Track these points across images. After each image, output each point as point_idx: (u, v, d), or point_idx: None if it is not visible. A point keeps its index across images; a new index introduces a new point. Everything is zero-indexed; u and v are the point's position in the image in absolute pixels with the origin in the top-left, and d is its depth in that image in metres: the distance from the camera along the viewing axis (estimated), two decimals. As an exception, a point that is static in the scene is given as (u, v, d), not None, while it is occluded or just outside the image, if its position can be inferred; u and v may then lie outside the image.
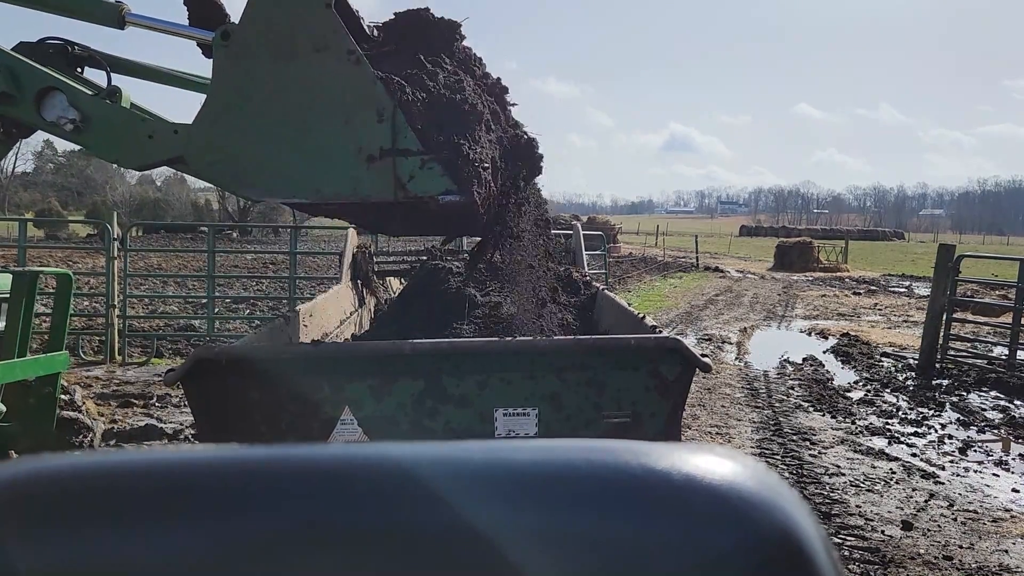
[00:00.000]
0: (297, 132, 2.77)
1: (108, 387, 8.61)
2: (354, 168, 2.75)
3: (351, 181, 2.76)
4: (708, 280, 25.63)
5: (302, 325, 4.14)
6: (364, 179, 2.75)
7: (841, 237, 53.32)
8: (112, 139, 3.00)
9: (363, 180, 2.75)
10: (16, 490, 0.48)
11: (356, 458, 0.50)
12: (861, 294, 21.86)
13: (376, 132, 2.73)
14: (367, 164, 2.74)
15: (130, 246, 12.37)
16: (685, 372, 2.84)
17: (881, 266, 35.42)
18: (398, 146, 2.73)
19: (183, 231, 47.11)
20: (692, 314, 16.24)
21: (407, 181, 2.74)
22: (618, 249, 35.56)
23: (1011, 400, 8.83)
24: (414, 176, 2.74)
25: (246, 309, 14.47)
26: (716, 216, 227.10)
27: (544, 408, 2.80)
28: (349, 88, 2.73)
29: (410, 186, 2.74)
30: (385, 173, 2.74)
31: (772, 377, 9.90)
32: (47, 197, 66.99)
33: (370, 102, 2.73)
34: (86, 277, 16.37)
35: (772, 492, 0.48)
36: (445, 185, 2.76)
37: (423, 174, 2.74)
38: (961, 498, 5.65)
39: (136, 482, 0.48)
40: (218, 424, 2.75)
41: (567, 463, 0.48)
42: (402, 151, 2.74)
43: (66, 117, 2.95)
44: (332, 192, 2.79)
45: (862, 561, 4.50)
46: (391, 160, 2.74)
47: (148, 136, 2.93)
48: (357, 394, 2.76)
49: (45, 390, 4.91)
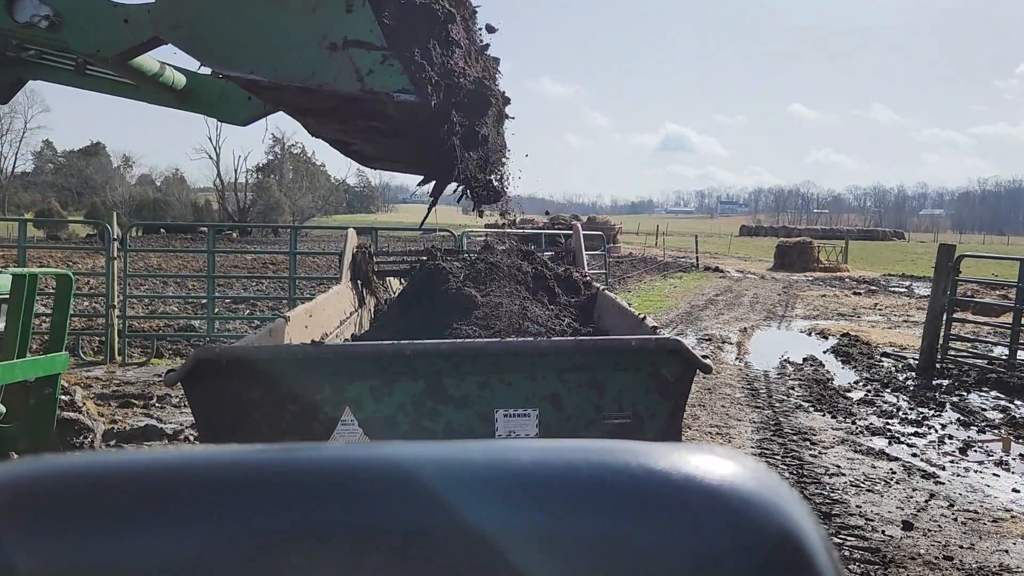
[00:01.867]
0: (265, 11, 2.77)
1: (108, 387, 8.61)
2: (315, 53, 2.74)
3: (310, 65, 2.75)
4: (708, 280, 25.63)
5: (302, 325, 4.14)
6: (323, 66, 2.74)
7: (841, 237, 53.35)
8: (89, 29, 2.98)
9: (322, 67, 2.74)
10: (16, 490, 0.48)
11: (356, 458, 0.50)
12: (861, 294, 21.86)
13: (342, 21, 2.72)
14: (328, 52, 2.73)
15: (130, 246, 12.38)
16: (686, 373, 2.84)
17: (881, 266, 35.42)
18: (362, 38, 2.73)
19: (183, 231, 47.14)
20: (692, 314, 16.24)
21: (366, 74, 2.73)
22: (618, 249, 35.57)
23: (1011, 400, 8.83)
24: (373, 70, 2.73)
25: (246, 309, 14.47)
26: (716, 216, 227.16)
27: (545, 409, 2.80)
28: None
29: (368, 79, 2.73)
30: (345, 63, 2.73)
31: (772, 377, 9.90)
32: (47, 197, 67.05)
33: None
34: (86, 277, 16.38)
35: (772, 492, 0.48)
36: (402, 83, 2.76)
37: (382, 69, 2.74)
38: (961, 498, 5.65)
39: (136, 482, 0.48)
40: (219, 425, 2.75)
41: (567, 463, 0.48)
42: (365, 44, 2.73)
43: (39, 14, 2.94)
44: (289, 73, 2.78)
45: (862, 561, 4.50)
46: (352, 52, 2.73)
47: (124, 20, 2.91)
48: (357, 395, 2.75)
49: (45, 391, 4.91)
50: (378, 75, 2.74)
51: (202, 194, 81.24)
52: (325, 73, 2.75)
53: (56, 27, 2.96)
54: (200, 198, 77.25)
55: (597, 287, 5.31)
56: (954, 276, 10.53)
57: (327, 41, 2.72)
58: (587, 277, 5.56)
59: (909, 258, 42.20)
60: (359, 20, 2.73)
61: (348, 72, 2.74)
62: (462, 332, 3.94)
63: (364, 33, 2.73)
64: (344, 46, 2.72)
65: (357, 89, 2.76)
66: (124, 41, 2.95)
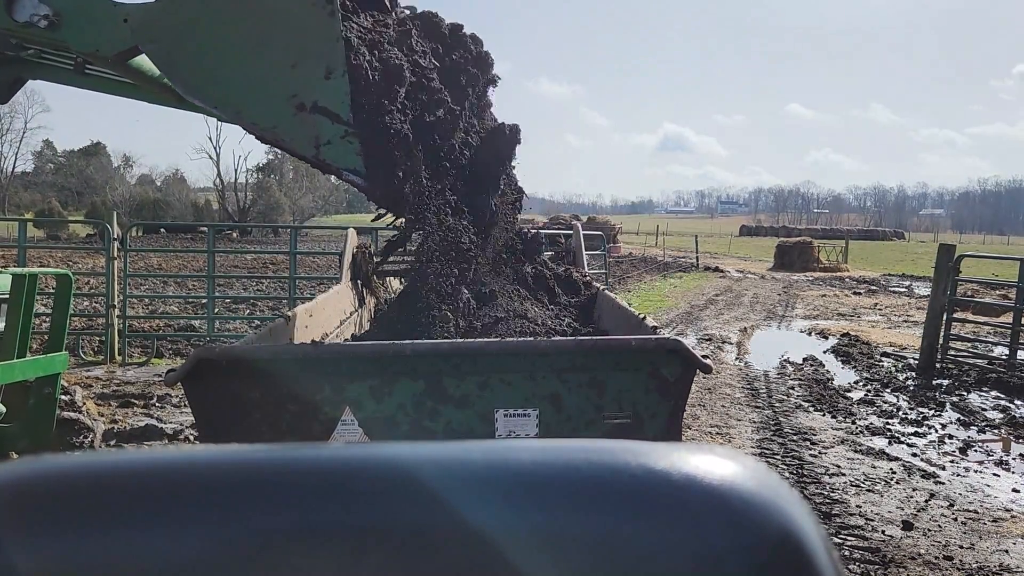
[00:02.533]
0: (245, 53, 2.76)
1: (108, 387, 8.61)
2: (281, 108, 2.73)
3: (273, 118, 2.75)
4: (708, 280, 25.63)
5: (302, 325, 4.14)
6: (286, 123, 2.74)
7: (841, 237, 53.34)
8: (88, 28, 2.97)
9: (284, 123, 2.74)
10: (16, 490, 0.48)
11: (356, 458, 0.50)
12: (861, 294, 21.86)
13: (317, 85, 2.72)
14: (294, 111, 2.72)
15: (130, 246, 12.38)
16: (686, 373, 2.84)
17: (881, 266, 35.42)
18: (331, 108, 2.72)
19: (183, 231, 47.13)
20: (692, 314, 16.24)
21: (322, 144, 2.73)
22: (618, 249, 35.57)
23: (1011, 400, 8.83)
24: (331, 143, 2.73)
25: (246, 309, 14.47)
26: (716, 216, 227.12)
27: (545, 409, 2.80)
28: (312, 35, 2.71)
29: (323, 150, 2.74)
30: (307, 128, 2.73)
31: (772, 377, 9.89)
32: (47, 197, 67.08)
33: (324, 57, 2.71)
34: (86, 277, 16.38)
35: (772, 492, 0.48)
36: (355, 164, 2.76)
37: (340, 144, 2.74)
38: (961, 498, 5.65)
39: (136, 482, 0.48)
40: (219, 425, 2.75)
41: (567, 463, 0.48)
42: (331, 114, 2.73)
43: (39, 14, 2.94)
44: (250, 120, 2.78)
45: (862, 561, 4.50)
46: (317, 118, 2.73)
47: (123, 20, 2.91)
48: (358, 395, 2.75)
49: (45, 390, 4.91)
50: (334, 148, 2.74)
51: (202, 194, 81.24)
52: (285, 130, 2.75)
53: (55, 26, 2.95)
54: (200, 198, 77.27)
55: (597, 287, 5.30)
56: (954, 276, 10.53)
57: (297, 100, 2.72)
58: (587, 277, 5.55)
59: (909, 258, 42.19)
60: (333, 89, 2.72)
61: (308, 136, 2.74)
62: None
63: (335, 103, 2.72)
64: (312, 110, 2.72)
65: (311, 156, 2.77)
66: (123, 41, 2.94)
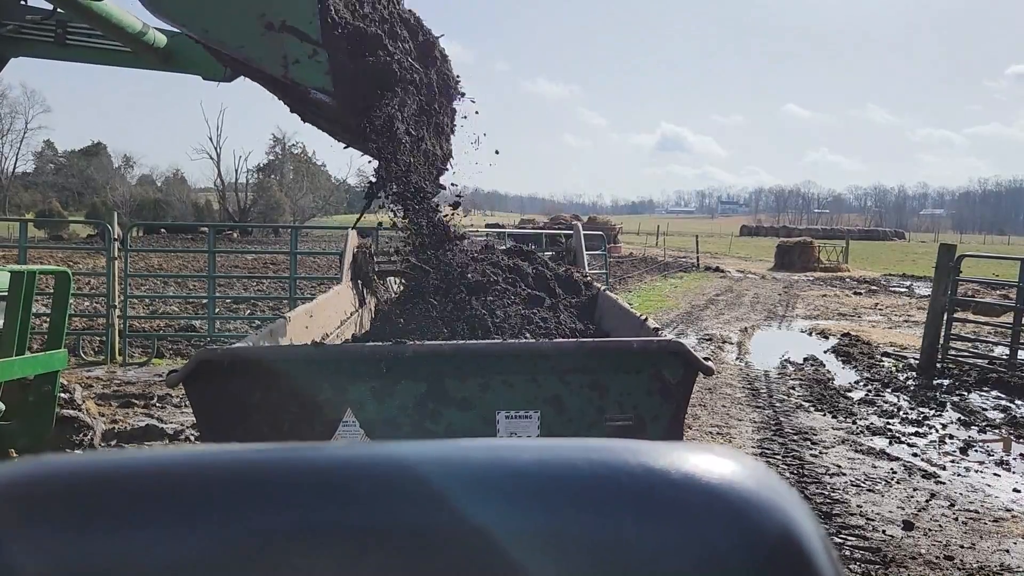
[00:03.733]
0: None
1: (109, 387, 8.61)
2: (249, 26, 2.69)
3: (241, 37, 2.71)
4: (709, 280, 25.62)
5: (303, 326, 4.14)
6: (254, 41, 2.70)
7: (842, 237, 53.32)
8: None
9: (253, 42, 2.70)
10: (16, 490, 0.48)
11: (356, 458, 0.50)
12: (862, 294, 21.85)
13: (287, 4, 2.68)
14: (263, 29, 2.69)
15: (131, 246, 12.38)
16: (688, 375, 2.83)
17: (882, 266, 35.41)
18: (300, 27, 2.69)
19: (184, 231, 47.13)
20: (693, 314, 16.23)
21: (292, 63, 2.70)
22: (619, 249, 35.57)
23: (1012, 400, 8.83)
24: (300, 61, 2.70)
25: (247, 309, 14.46)
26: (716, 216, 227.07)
27: (546, 411, 2.80)
28: None
29: (292, 68, 2.70)
30: (275, 45, 2.69)
31: (773, 377, 9.89)
32: (48, 198, 67.08)
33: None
34: (87, 277, 16.38)
35: (772, 492, 0.48)
36: (323, 83, 2.72)
37: (308, 64, 2.71)
38: (962, 498, 5.65)
39: (137, 482, 0.48)
40: (220, 426, 2.74)
41: (567, 463, 0.48)
42: (300, 32, 2.69)
43: None
44: (219, 37, 2.74)
45: (863, 561, 4.50)
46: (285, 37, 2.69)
47: None
48: (359, 396, 2.75)
49: (44, 388, 4.91)
50: (303, 67, 2.71)
51: (203, 194, 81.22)
52: (254, 48, 2.71)
53: None
54: (201, 198, 77.26)
55: (598, 287, 5.30)
56: (955, 276, 10.52)
57: (265, 19, 2.67)
58: (588, 277, 5.54)
59: (910, 258, 42.18)
60: (303, 7, 2.68)
61: (276, 55, 2.70)
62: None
63: (303, 23, 2.68)
64: (280, 29, 2.68)
65: (280, 74, 2.73)
66: None
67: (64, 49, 4.22)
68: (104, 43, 4.32)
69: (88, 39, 4.34)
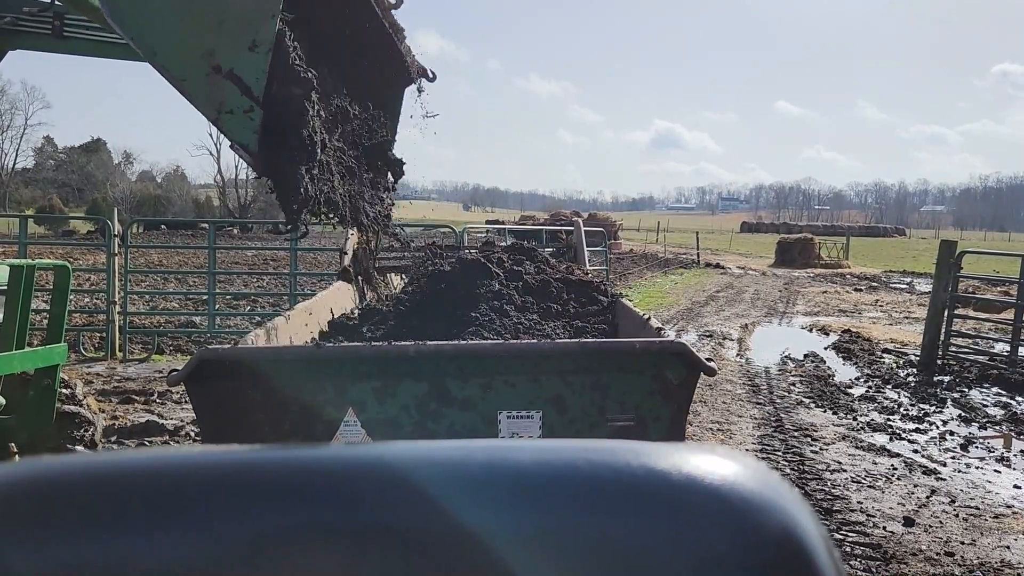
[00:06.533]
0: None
1: (109, 383, 8.62)
2: (195, 64, 2.66)
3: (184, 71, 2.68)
4: (709, 277, 25.62)
5: (302, 323, 4.14)
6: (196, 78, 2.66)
7: (842, 233, 53.34)
8: None
9: (193, 79, 2.67)
10: (16, 490, 0.48)
11: (356, 458, 0.50)
12: (862, 290, 21.85)
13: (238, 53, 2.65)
14: (208, 71, 2.65)
15: (131, 243, 12.36)
16: (690, 376, 2.83)
17: (882, 262, 35.40)
18: (243, 80, 2.66)
19: (184, 227, 47.11)
20: (693, 310, 16.23)
21: (224, 112, 2.67)
22: (619, 246, 35.58)
23: (1012, 396, 8.83)
24: (233, 113, 2.67)
25: (247, 305, 14.47)
26: (717, 213, 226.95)
27: (548, 411, 2.80)
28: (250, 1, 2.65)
29: (223, 118, 2.67)
30: (215, 91, 2.66)
31: (773, 373, 9.90)
32: (48, 194, 67.06)
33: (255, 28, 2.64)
34: (87, 274, 16.38)
35: (773, 492, 0.47)
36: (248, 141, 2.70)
37: (241, 118, 2.68)
38: (963, 494, 5.65)
39: (137, 482, 0.48)
40: (221, 425, 2.74)
41: (567, 463, 0.48)
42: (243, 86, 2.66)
43: None
44: (164, 62, 2.69)
45: (864, 557, 4.51)
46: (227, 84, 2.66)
47: None
48: (361, 396, 2.75)
49: (44, 382, 4.90)
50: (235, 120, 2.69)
51: (203, 190, 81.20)
52: (193, 86, 2.67)
53: None
54: (201, 194, 77.22)
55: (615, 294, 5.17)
56: (955, 272, 10.52)
57: (213, 60, 2.64)
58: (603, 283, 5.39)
59: (910, 254, 42.17)
60: (253, 63, 2.65)
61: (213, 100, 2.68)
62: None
63: (250, 76, 2.66)
64: (225, 75, 2.65)
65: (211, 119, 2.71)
66: None
67: (62, 42, 4.20)
68: (102, 35, 4.30)
69: (86, 31, 4.32)
